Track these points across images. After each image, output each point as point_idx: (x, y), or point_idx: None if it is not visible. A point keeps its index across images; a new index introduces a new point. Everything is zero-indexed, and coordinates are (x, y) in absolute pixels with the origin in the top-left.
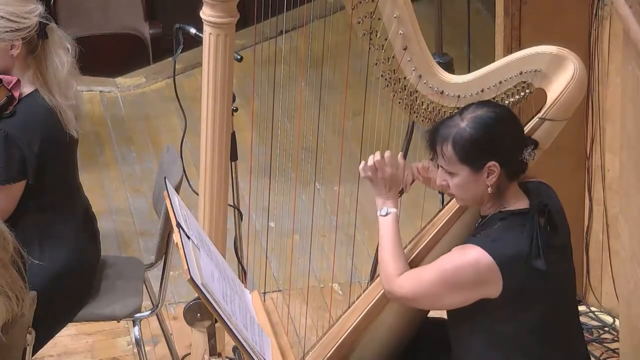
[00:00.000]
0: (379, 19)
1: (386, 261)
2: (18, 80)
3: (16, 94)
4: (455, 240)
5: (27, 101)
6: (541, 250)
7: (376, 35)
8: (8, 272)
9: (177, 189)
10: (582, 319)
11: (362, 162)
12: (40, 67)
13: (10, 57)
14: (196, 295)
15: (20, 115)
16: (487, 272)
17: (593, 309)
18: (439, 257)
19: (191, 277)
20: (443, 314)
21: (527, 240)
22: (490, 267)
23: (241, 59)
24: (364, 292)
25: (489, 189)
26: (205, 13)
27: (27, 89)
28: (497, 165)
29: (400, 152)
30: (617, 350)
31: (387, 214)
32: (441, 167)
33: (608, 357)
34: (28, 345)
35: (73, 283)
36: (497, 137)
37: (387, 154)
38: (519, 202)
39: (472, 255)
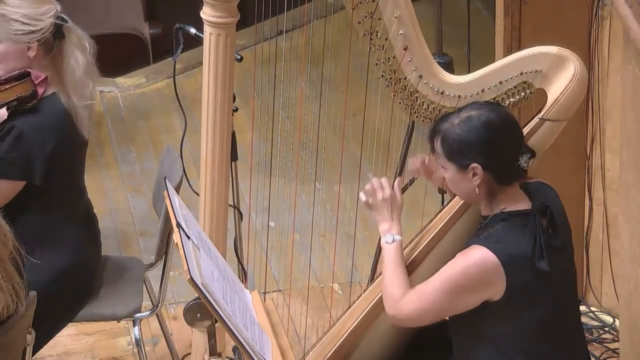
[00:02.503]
0: (380, 19)
1: (390, 287)
2: (45, 78)
3: (40, 91)
4: (456, 240)
5: (47, 102)
6: (544, 251)
7: (377, 35)
8: (4, 268)
9: (177, 189)
10: (582, 319)
11: (361, 193)
12: (57, 67)
13: (27, 58)
14: (196, 295)
15: (39, 116)
16: (492, 272)
17: (593, 309)
18: (439, 257)
19: (191, 277)
20: None
21: (530, 241)
22: (495, 266)
23: (241, 58)
24: (364, 292)
25: (476, 189)
26: (206, 13)
27: (48, 89)
28: (479, 168)
29: (399, 178)
30: (617, 350)
31: (392, 242)
32: (437, 160)
33: (608, 357)
34: (28, 345)
35: (73, 283)
36: (483, 141)
37: (383, 178)
38: (520, 203)
39: (477, 255)
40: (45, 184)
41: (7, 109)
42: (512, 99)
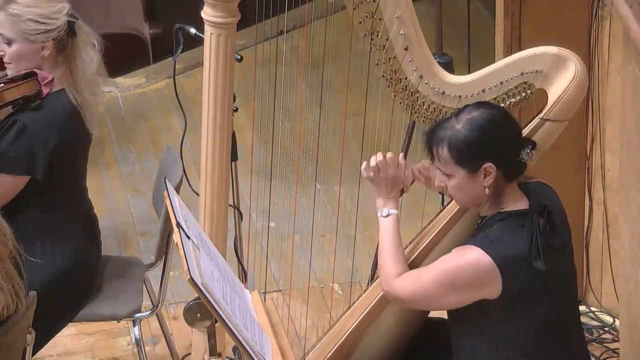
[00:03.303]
0: (380, 19)
1: (386, 262)
2: (52, 80)
3: (45, 91)
4: (456, 241)
5: (53, 98)
6: (541, 251)
7: (377, 35)
8: (4, 267)
9: (177, 189)
10: (582, 319)
11: (365, 163)
12: (70, 66)
13: (40, 58)
14: (196, 295)
15: (43, 111)
16: (486, 273)
17: (593, 309)
18: (439, 258)
19: (191, 277)
20: (444, 314)
21: (527, 241)
22: (489, 268)
23: (241, 59)
24: (364, 292)
25: (486, 190)
26: (207, 13)
27: (55, 86)
28: (493, 166)
29: (402, 153)
30: (617, 350)
31: (387, 215)
32: (438, 169)
33: (608, 357)
34: (28, 345)
35: (73, 283)
36: (492, 138)
37: (389, 154)
38: (518, 203)
39: (471, 256)
40: (48, 181)
41: (13, 108)
42: (512, 99)
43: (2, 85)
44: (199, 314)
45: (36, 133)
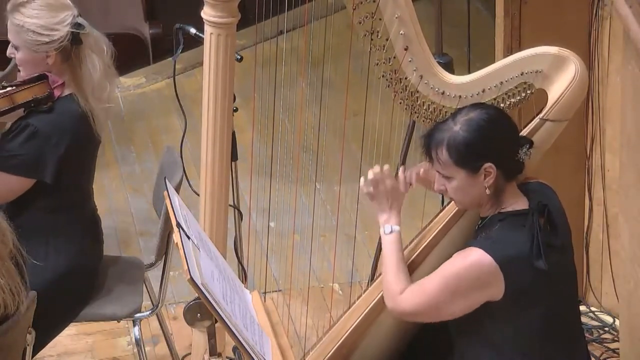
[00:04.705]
0: (380, 19)
1: (389, 279)
2: (63, 83)
3: (57, 93)
4: (456, 241)
5: (63, 103)
6: (542, 250)
7: (377, 35)
8: (4, 266)
9: (177, 189)
10: (582, 319)
11: (362, 178)
12: (74, 73)
13: (46, 64)
14: (196, 295)
15: (54, 115)
16: (489, 274)
17: (593, 309)
18: (439, 258)
19: (191, 277)
20: None
21: (528, 241)
22: (492, 268)
23: (241, 58)
24: (364, 292)
25: (487, 190)
26: (207, 13)
27: (65, 91)
28: (493, 166)
29: (402, 166)
30: (617, 350)
31: (390, 232)
32: (438, 172)
33: (608, 357)
34: (28, 345)
35: (75, 284)
36: (491, 138)
37: (385, 167)
38: (518, 203)
39: (474, 257)
40: (56, 183)
41: (24, 110)
42: (512, 100)
43: (14, 87)
44: (199, 314)
45: (47, 137)
